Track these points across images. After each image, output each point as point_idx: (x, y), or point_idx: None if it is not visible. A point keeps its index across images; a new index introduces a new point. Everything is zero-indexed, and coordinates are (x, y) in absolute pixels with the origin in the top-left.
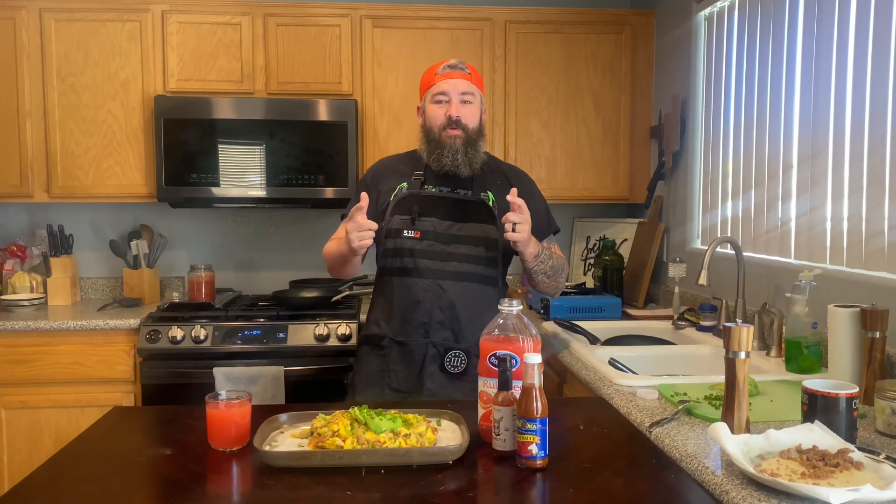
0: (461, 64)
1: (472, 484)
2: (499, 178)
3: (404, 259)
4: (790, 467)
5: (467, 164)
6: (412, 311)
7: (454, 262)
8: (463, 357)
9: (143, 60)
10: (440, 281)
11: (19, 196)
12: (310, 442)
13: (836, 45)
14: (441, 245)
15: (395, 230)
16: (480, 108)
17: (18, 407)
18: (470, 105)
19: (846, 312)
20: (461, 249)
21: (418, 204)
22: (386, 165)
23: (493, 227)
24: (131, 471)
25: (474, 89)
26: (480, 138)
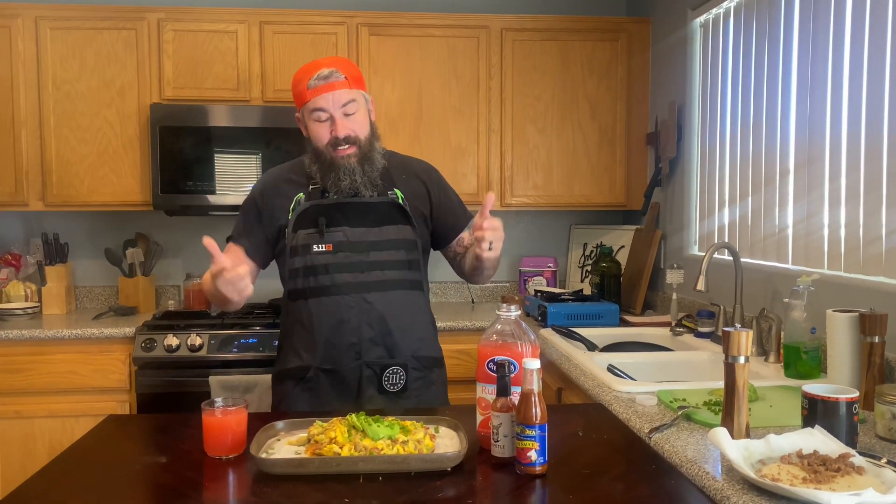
0: (334, 73)
1: (471, 491)
2: (403, 172)
3: (318, 276)
4: (791, 472)
5: (367, 183)
6: (338, 332)
7: (376, 270)
8: (401, 373)
9: (139, 68)
10: (364, 294)
11: (14, 204)
12: (307, 449)
13: (832, 50)
14: (358, 255)
15: (302, 246)
16: (367, 107)
17: (12, 416)
18: (355, 114)
19: (845, 317)
20: (382, 256)
21: (323, 214)
22: (275, 177)
23: (409, 228)
24: (126, 479)
25: (355, 93)
26: (375, 142)
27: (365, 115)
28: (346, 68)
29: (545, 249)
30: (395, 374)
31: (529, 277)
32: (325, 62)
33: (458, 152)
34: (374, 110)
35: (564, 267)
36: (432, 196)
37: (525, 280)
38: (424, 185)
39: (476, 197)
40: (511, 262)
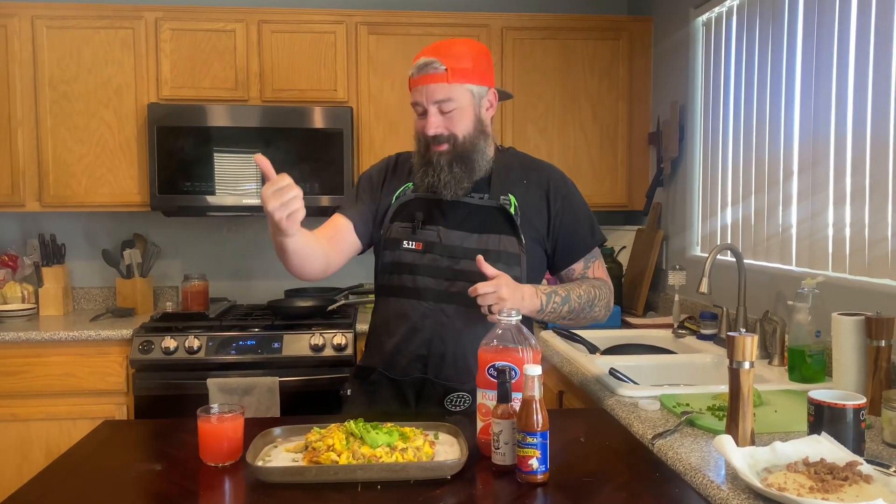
0: (433, 63)
1: (472, 499)
2: (525, 176)
3: (403, 276)
4: (798, 481)
5: (452, 185)
6: (409, 339)
7: (462, 281)
8: (468, 399)
9: (137, 68)
10: (444, 305)
11: (11, 205)
12: (304, 457)
13: (837, 49)
14: (448, 260)
15: (393, 240)
16: (473, 104)
17: (9, 419)
18: (452, 112)
19: (851, 321)
20: (474, 266)
21: (423, 209)
22: (402, 159)
23: (514, 240)
24: (121, 487)
25: (454, 91)
26: (479, 141)
27: (466, 112)
28: (450, 58)
29: None
30: (461, 399)
31: None
32: (432, 49)
33: None
34: (494, 102)
35: None
36: (551, 208)
37: None
38: (545, 194)
39: None
40: None
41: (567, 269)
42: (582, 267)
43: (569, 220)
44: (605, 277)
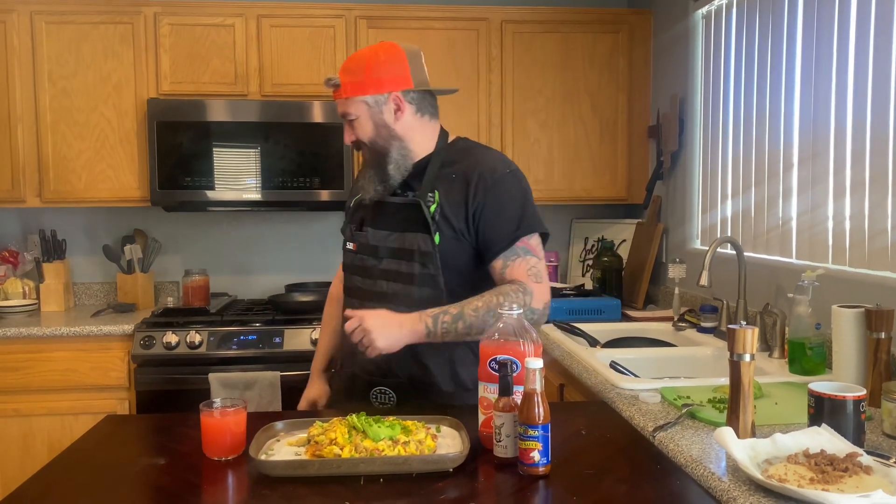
0: (333, 79)
1: (474, 492)
2: (455, 170)
3: (347, 276)
4: (798, 472)
5: (369, 188)
6: (345, 337)
7: (382, 280)
8: (391, 395)
9: (136, 63)
10: (368, 303)
11: (11, 201)
12: (307, 450)
13: (837, 40)
14: (373, 260)
15: (344, 242)
16: (370, 113)
17: (11, 415)
18: (354, 122)
19: (851, 313)
20: (392, 265)
21: (362, 211)
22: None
23: (427, 237)
24: (125, 481)
25: (349, 105)
26: (389, 145)
27: (365, 122)
28: (346, 73)
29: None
30: (384, 394)
31: None
32: (343, 63)
33: None
34: (402, 104)
35: (565, 261)
36: (471, 202)
37: None
38: (467, 188)
39: None
40: None
41: (490, 266)
42: (501, 265)
43: (490, 214)
44: (524, 278)
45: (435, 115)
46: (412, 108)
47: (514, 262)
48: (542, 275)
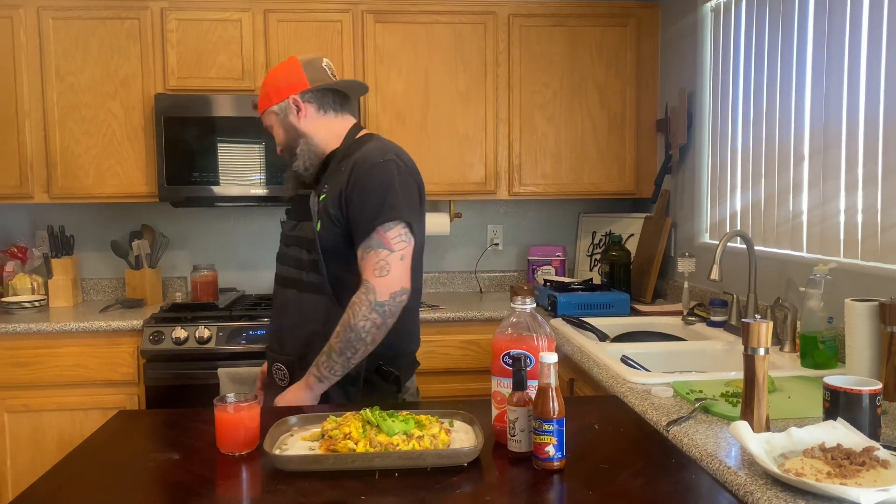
0: (253, 100)
1: (489, 486)
2: (344, 163)
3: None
4: (815, 466)
5: (294, 178)
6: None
7: (285, 266)
8: (284, 371)
9: (143, 58)
10: (277, 287)
11: (19, 197)
12: (321, 445)
13: (849, 31)
14: (284, 248)
15: None
16: (279, 119)
17: (21, 410)
18: (273, 132)
19: (864, 307)
20: (290, 252)
21: (287, 205)
22: None
23: (311, 225)
24: (139, 476)
25: (265, 118)
26: (296, 144)
27: (278, 128)
28: (259, 92)
29: (554, 238)
30: (279, 370)
31: (538, 267)
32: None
33: (466, 141)
34: (302, 104)
35: (573, 256)
36: (344, 192)
37: (534, 269)
38: (346, 179)
39: (483, 186)
40: (520, 252)
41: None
42: (360, 256)
43: (356, 202)
44: (369, 276)
45: (341, 111)
46: (313, 107)
47: (367, 256)
48: (388, 267)
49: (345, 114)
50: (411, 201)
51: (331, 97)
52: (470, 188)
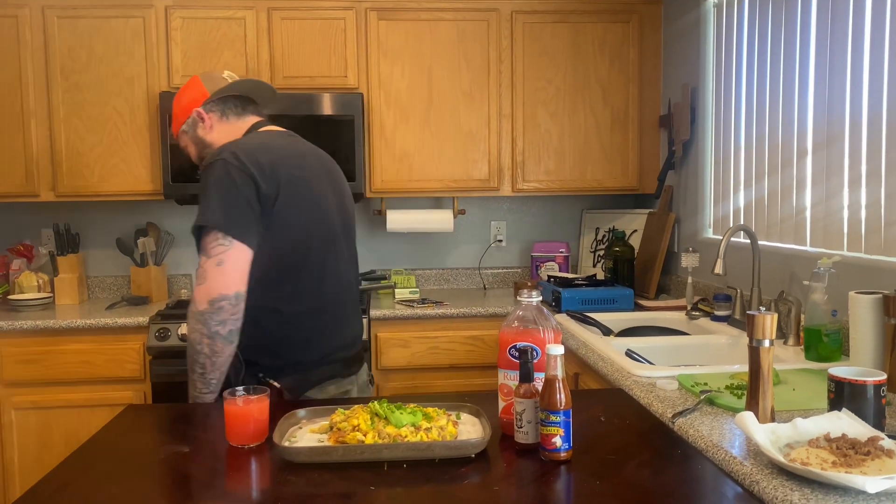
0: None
1: (497, 477)
2: None
3: None
4: (820, 456)
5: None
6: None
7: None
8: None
9: (147, 57)
10: None
11: (25, 195)
12: (329, 437)
13: (852, 25)
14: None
15: None
16: (189, 135)
17: (28, 407)
18: (188, 150)
19: (868, 299)
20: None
21: None
22: None
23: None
24: (150, 469)
25: (179, 139)
26: (204, 154)
27: (190, 144)
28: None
29: (557, 235)
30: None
31: (542, 263)
32: None
33: (469, 138)
34: (205, 115)
35: (576, 252)
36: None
37: (537, 266)
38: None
39: (487, 183)
40: (523, 248)
41: None
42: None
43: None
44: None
45: (243, 114)
46: (216, 116)
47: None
48: (205, 274)
49: (247, 116)
50: (233, 203)
51: (232, 103)
52: (473, 185)
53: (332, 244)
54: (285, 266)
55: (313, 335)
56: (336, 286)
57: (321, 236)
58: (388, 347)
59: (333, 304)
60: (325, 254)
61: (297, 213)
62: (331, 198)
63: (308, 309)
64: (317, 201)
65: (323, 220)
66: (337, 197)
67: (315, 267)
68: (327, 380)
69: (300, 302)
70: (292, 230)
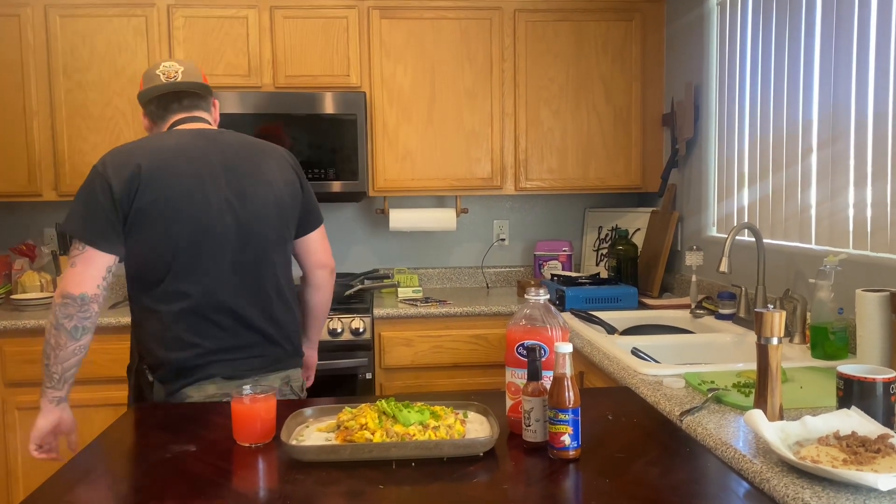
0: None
1: (505, 475)
2: None
3: None
4: (830, 454)
5: None
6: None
7: None
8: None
9: (150, 55)
10: None
11: (28, 195)
12: (337, 436)
13: (857, 22)
14: None
15: None
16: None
17: (32, 407)
18: None
19: (875, 297)
20: None
21: None
22: None
23: None
24: (158, 468)
25: None
26: None
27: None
28: None
29: (560, 233)
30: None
31: (545, 262)
32: None
33: (472, 136)
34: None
35: (579, 251)
36: None
37: (540, 264)
38: None
39: (489, 181)
40: (526, 247)
41: None
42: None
43: None
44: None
45: (162, 117)
46: (148, 119)
47: None
48: (63, 273)
49: (169, 116)
50: (90, 210)
51: (155, 104)
52: (476, 183)
53: (212, 244)
54: (154, 266)
55: (184, 335)
56: (216, 287)
57: (192, 237)
58: (392, 346)
59: (210, 307)
60: (199, 255)
61: (161, 215)
62: (220, 197)
63: (180, 310)
64: (192, 201)
65: (197, 220)
66: (237, 196)
67: (183, 268)
68: (205, 380)
69: (170, 302)
70: (156, 232)
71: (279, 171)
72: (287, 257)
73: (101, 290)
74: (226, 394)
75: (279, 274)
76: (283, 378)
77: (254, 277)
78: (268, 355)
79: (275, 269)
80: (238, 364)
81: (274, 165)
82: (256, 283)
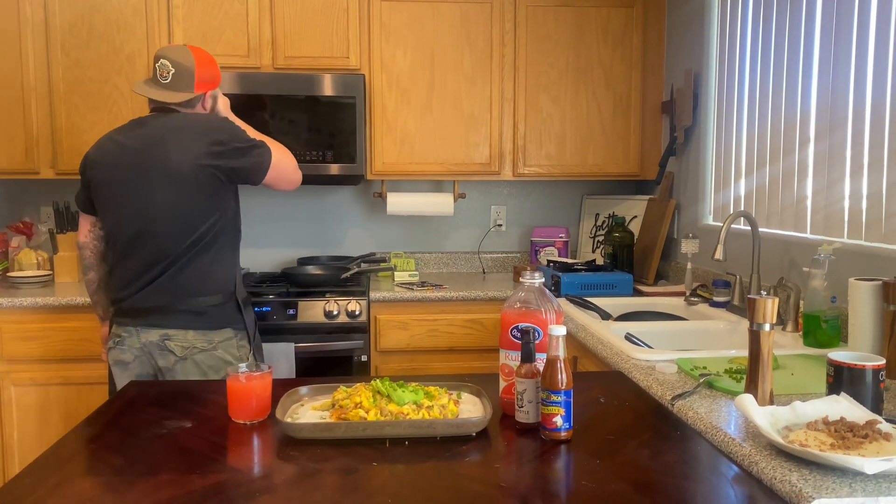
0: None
1: (498, 455)
2: None
3: None
4: (819, 438)
5: None
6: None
7: None
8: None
9: (149, 34)
10: None
11: (25, 173)
12: (332, 414)
13: (857, 13)
14: None
15: None
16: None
17: (27, 384)
18: None
19: (867, 286)
20: None
21: None
22: None
23: None
24: (154, 442)
25: None
26: None
27: None
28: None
29: (557, 220)
30: None
31: (541, 248)
32: None
33: (471, 121)
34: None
35: (576, 237)
36: None
37: (537, 250)
38: None
39: (487, 167)
40: (523, 233)
41: None
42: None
43: None
44: None
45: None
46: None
47: None
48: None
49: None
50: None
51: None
52: (474, 168)
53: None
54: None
55: (118, 282)
56: (123, 240)
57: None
58: (388, 329)
59: (121, 258)
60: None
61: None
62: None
63: (112, 264)
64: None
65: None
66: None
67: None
68: (115, 322)
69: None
70: (97, 200)
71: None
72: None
73: (89, 240)
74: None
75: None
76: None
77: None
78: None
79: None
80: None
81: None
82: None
